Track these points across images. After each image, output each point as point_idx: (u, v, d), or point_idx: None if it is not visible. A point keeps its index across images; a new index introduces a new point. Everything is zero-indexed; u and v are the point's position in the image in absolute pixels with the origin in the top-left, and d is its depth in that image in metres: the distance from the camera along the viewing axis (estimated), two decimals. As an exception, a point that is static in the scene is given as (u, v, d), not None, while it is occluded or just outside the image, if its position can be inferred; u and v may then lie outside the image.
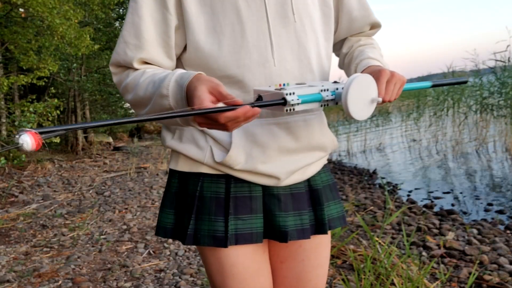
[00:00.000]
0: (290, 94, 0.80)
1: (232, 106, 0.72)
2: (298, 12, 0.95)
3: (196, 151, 0.96)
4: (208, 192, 0.96)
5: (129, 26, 0.91)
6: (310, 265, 1.07)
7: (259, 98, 0.84)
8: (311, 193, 1.04)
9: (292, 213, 0.99)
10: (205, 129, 0.96)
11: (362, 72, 0.98)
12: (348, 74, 1.09)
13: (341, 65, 1.17)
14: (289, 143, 0.97)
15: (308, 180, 1.04)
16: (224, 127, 0.75)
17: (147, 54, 0.92)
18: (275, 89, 0.82)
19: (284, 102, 0.79)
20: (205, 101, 0.73)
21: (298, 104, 0.81)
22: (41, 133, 0.61)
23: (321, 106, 0.88)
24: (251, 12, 0.91)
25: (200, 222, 0.96)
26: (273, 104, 0.80)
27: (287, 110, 0.81)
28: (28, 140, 0.59)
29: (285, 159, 0.97)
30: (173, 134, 1.00)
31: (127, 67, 0.94)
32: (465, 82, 1.13)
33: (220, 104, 0.75)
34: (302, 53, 0.96)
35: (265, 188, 0.98)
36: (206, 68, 0.93)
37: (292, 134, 0.97)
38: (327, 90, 0.86)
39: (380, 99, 0.88)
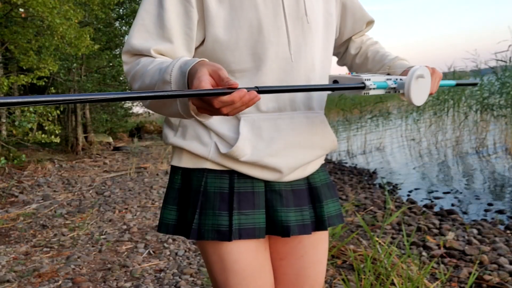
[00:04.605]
0: (367, 79, 0.89)
1: (228, 89, 0.70)
2: (309, 14, 1.00)
3: (200, 147, 0.98)
4: (212, 188, 0.98)
5: (152, 17, 0.93)
6: (309, 261, 1.09)
7: (335, 82, 0.93)
8: (311, 190, 1.07)
9: (293, 209, 1.02)
10: (209, 124, 0.98)
11: (404, 71, 1.06)
12: (370, 71, 1.17)
13: (349, 65, 1.25)
14: (293, 138, 1.00)
15: (307, 178, 1.07)
16: (219, 112, 0.74)
17: (170, 45, 0.92)
18: (353, 75, 0.91)
19: (363, 86, 0.88)
20: (203, 82, 0.72)
21: (373, 88, 0.90)
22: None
23: (386, 93, 0.96)
24: (268, 10, 0.95)
25: (204, 217, 0.97)
26: (353, 87, 0.88)
27: (364, 94, 0.90)
28: None
29: (289, 153, 1.00)
30: (175, 132, 1.02)
31: (142, 55, 0.93)
32: (476, 84, 1.24)
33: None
34: (309, 53, 1.01)
35: (267, 184, 1.01)
36: (222, 60, 0.96)
37: (295, 130, 1.00)
38: (391, 79, 0.95)
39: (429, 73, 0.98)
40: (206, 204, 0.98)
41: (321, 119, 1.07)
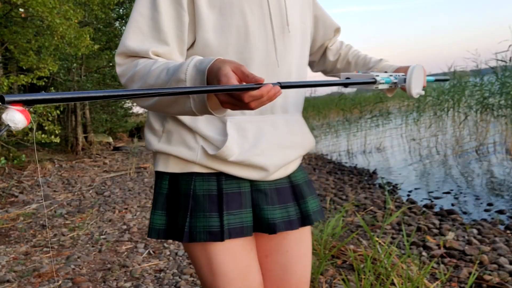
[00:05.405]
0: (377, 75, 1.01)
1: (257, 84, 0.74)
2: (290, 24, 1.05)
3: (187, 151, 1.00)
4: (201, 191, 1.00)
5: (147, 19, 0.93)
6: (295, 256, 1.13)
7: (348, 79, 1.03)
8: (293, 188, 1.11)
9: (278, 207, 1.06)
10: (195, 128, 0.99)
11: (397, 69, 1.17)
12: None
13: (329, 70, 1.33)
14: (275, 139, 1.04)
15: (289, 177, 1.12)
16: (247, 106, 0.76)
17: (167, 47, 0.94)
18: (363, 73, 1.03)
19: (374, 81, 1.00)
20: (232, 79, 0.74)
21: (382, 83, 1.02)
22: (27, 102, 0.52)
23: (389, 87, 1.07)
24: (254, 18, 0.98)
25: (195, 220, 0.99)
26: (365, 82, 1.00)
27: (375, 88, 1.01)
28: (20, 119, 0.51)
29: (273, 153, 1.04)
30: (159, 138, 1.03)
31: (138, 56, 0.93)
32: (447, 80, 1.51)
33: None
34: (288, 60, 1.05)
35: (252, 184, 1.04)
36: None
37: (277, 131, 1.05)
38: (392, 75, 1.07)
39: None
40: (197, 207, 0.99)
41: (298, 121, 1.13)
